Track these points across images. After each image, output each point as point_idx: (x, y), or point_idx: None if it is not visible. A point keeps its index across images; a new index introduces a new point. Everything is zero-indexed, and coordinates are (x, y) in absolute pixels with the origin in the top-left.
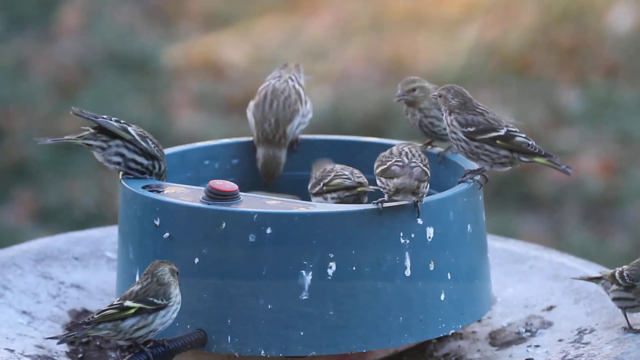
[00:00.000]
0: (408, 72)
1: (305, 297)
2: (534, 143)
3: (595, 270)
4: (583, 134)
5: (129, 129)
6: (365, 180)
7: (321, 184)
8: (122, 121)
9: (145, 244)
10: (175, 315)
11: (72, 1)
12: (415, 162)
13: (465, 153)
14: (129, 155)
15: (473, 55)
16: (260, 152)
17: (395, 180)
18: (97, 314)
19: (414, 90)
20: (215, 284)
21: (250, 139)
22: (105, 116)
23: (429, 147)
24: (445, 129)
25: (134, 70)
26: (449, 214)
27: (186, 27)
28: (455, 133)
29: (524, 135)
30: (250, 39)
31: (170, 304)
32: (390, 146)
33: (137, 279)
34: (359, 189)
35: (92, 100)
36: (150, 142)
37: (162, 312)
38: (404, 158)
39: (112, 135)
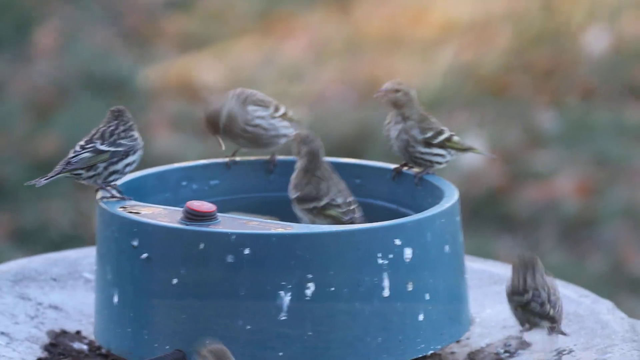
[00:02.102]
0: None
1: (283, 318)
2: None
3: (572, 291)
4: (559, 156)
5: (99, 146)
6: (359, 212)
7: (311, 205)
8: (88, 141)
9: (123, 265)
10: None
11: (47, 22)
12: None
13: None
14: (120, 166)
15: (449, 77)
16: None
17: None
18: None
19: (397, 91)
20: (193, 305)
21: (227, 159)
22: (71, 155)
23: (405, 168)
24: (421, 152)
25: (110, 92)
26: (427, 235)
27: (162, 49)
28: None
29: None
30: (226, 61)
31: None
32: (367, 167)
33: (115, 300)
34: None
35: (69, 122)
36: (122, 140)
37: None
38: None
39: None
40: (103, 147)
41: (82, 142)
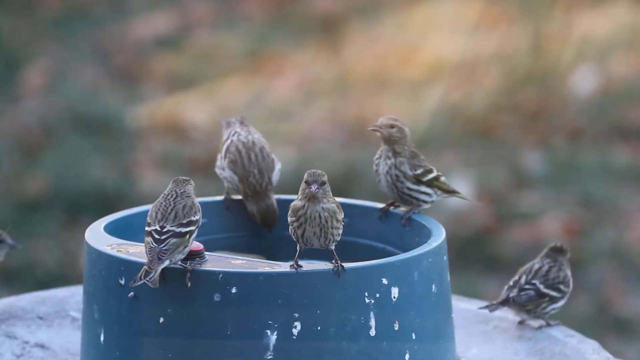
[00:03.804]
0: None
1: (270, 357)
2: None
3: (558, 331)
4: (546, 196)
5: (172, 227)
6: None
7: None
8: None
9: (110, 304)
10: None
11: (36, 62)
12: None
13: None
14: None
15: (437, 117)
16: (254, 208)
17: None
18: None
19: (392, 127)
20: (180, 344)
21: (216, 198)
22: (167, 245)
23: (392, 207)
24: (409, 189)
25: (98, 131)
26: (414, 274)
27: (150, 88)
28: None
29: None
30: (214, 100)
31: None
32: (355, 207)
33: (102, 338)
34: None
35: (56, 162)
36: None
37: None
38: None
39: None
40: (181, 230)
41: (156, 227)
